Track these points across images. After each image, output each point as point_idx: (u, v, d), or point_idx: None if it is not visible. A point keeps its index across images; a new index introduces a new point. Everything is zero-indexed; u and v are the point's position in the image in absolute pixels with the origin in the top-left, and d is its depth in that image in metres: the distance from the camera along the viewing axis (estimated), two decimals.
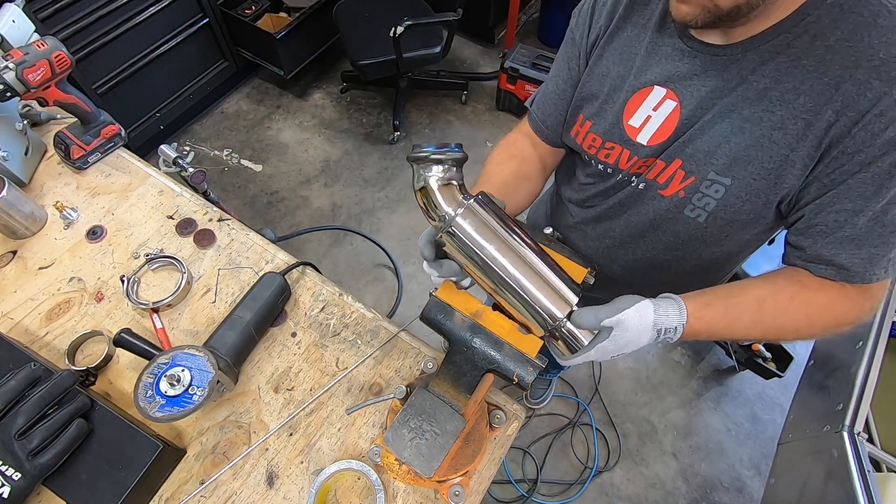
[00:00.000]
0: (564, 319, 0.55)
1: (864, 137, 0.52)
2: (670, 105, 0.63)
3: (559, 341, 0.58)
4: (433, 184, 0.53)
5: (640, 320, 0.55)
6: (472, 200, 0.54)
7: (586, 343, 0.55)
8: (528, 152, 0.83)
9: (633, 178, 0.71)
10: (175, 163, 1.31)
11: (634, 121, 0.67)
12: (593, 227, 0.82)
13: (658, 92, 0.64)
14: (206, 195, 1.44)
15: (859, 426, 1.09)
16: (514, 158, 0.81)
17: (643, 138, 0.67)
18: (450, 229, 0.53)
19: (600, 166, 0.74)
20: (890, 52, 0.50)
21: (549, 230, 0.68)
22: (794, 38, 0.54)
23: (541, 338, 0.58)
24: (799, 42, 0.54)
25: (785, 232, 0.65)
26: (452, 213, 0.53)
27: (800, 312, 0.59)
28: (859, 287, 0.58)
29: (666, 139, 0.65)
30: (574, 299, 0.56)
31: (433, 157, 0.52)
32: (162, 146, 1.31)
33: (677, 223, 0.69)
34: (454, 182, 0.54)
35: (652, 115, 0.65)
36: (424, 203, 0.55)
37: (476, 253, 0.54)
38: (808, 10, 0.53)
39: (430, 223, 0.56)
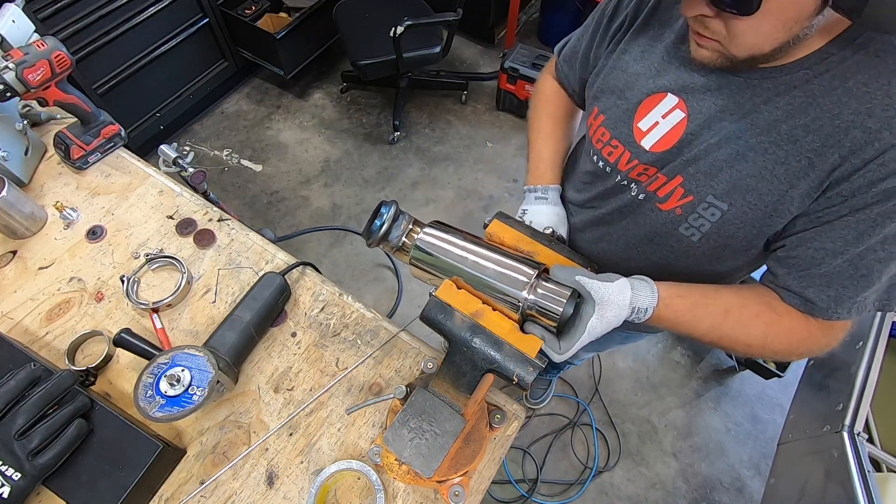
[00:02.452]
0: (527, 295, 0.56)
1: (861, 184, 0.52)
2: (679, 115, 0.63)
3: (540, 319, 0.57)
4: (400, 240, 0.63)
5: (621, 295, 0.56)
6: (425, 228, 0.63)
7: (560, 308, 0.55)
8: (568, 108, 0.90)
9: (633, 184, 0.71)
10: (175, 163, 1.31)
11: (643, 124, 0.67)
12: (591, 231, 0.83)
13: (670, 99, 0.64)
14: (205, 195, 1.44)
15: (859, 426, 1.09)
16: (561, 121, 0.89)
17: (647, 143, 0.67)
18: (416, 252, 0.61)
19: (601, 163, 0.75)
20: None
21: (549, 230, 0.69)
22: (814, 76, 0.53)
23: (520, 325, 0.58)
24: (818, 80, 0.53)
25: None
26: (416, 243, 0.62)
27: (758, 331, 0.61)
28: (822, 322, 0.60)
29: (668, 148, 0.65)
30: (531, 272, 0.57)
31: (383, 231, 0.61)
32: (162, 146, 1.31)
33: (671, 238, 0.70)
34: (406, 227, 0.63)
35: (660, 121, 0.65)
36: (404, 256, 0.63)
37: (443, 261, 0.60)
38: (833, 49, 0.53)
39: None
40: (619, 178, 0.73)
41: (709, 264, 0.71)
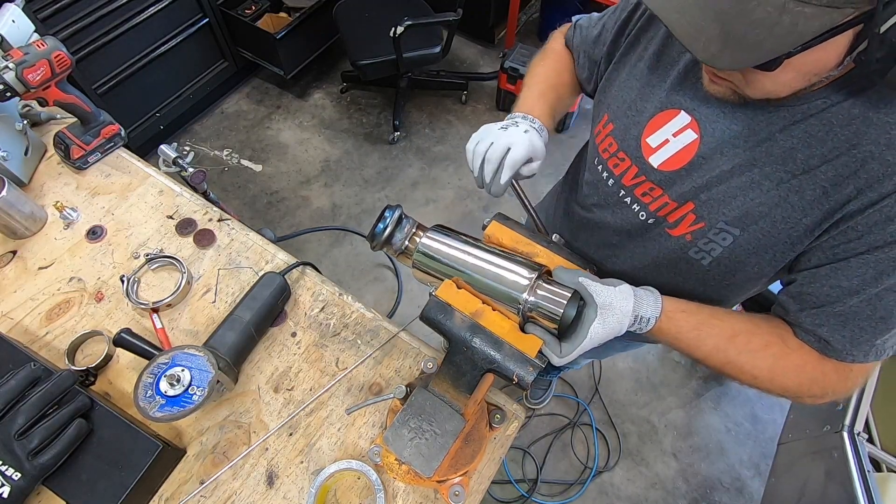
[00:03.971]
0: (528, 297, 0.56)
1: (878, 220, 0.50)
2: (691, 136, 0.61)
3: (541, 321, 0.57)
4: (403, 244, 0.63)
5: (624, 302, 0.55)
6: (427, 232, 0.63)
7: (560, 310, 0.55)
8: (567, 76, 0.85)
9: (636, 204, 0.69)
10: (175, 163, 1.31)
11: (652, 140, 0.65)
12: (597, 252, 0.80)
13: (683, 118, 0.62)
14: (205, 195, 1.44)
15: (859, 426, 1.09)
16: (560, 74, 0.84)
17: (655, 161, 0.65)
18: (418, 255, 0.62)
19: (605, 174, 0.72)
20: None
21: (555, 237, 0.69)
22: (832, 104, 0.52)
23: (521, 327, 0.58)
24: (836, 108, 0.51)
25: None
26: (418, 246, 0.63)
27: (765, 362, 0.58)
28: (837, 364, 0.57)
29: (677, 169, 0.63)
30: (532, 273, 0.57)
31: (387, 235, 0.62)
32: (162, 146, 1.31)
33: (681, 262, 0.68)
34: (409, 230, 0.63)
35: (671, 139, 0.63)
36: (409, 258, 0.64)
37: (446, 266, 0.61)
38: (853, 78, 0.50)
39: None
40: (622, 192, 0.70)
41: (717, 289, 0.69)
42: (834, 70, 0.47)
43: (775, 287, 0.68)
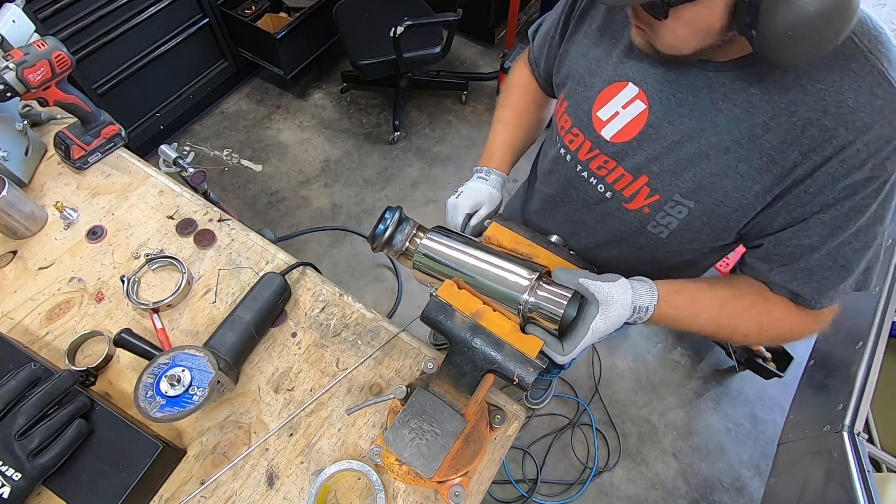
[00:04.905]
0: (528, 297, 0.56)
1: (826, 181, 0.53)
2: (640, 106, 0.63)
3: (541, 321, 0.57)
4: (404, 245, 0.64)
5: (623, 295, 0.56)
6: (428, 233, 0.64)
7: (561, 311, 0.55)
8: (538, 100, 0.90)
9: (593, 178, 0.72)
10: (175, 163, 1.31)
11: (603, 113, 0.67)
12: (562, 228, 0.83)
13: (631, 89, 0.64)
14: (206, 195, 1.44)
15: (859, 426, 1.09)
16: (526, 110, 0.90)
17: (608, 133, 0.67)
18: (419, 256, 0.63)
19: (562, 150, 0.75)
20: (858, 100, 0.50)
21: (555, 238, 0.69)
22: (768, 72, 0.54)
23: (522, 328, 0.58)
24: (772, 76, 0.54)
25: None
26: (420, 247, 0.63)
27: (753, 320, 0.63)
28: (811, 311, 0.63)
29: (628, 140, 0.65)
30: (532, 274, 0.57)
31: (387, 236, 0.62)
32: (162, 146, 1.31)
33: (640, 236, 0.71)
34: (409, 232, 0.64)
35: (620, 111, 0.65)
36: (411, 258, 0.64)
37: (446, 267, 0.61)
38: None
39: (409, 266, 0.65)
40: (579, 167, 0.73)
41: (677, 257, 0.73)
42: (725, 34, 0.51)
43: None
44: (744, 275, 0.67)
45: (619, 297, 0.56)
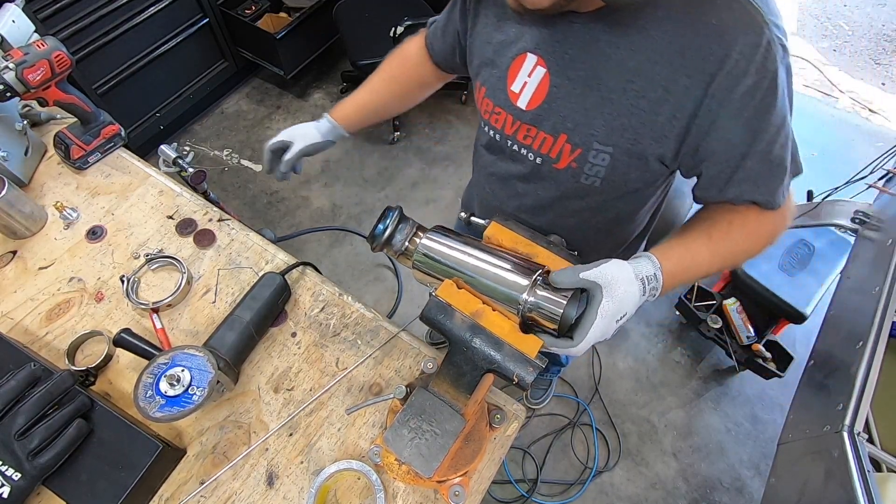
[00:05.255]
0: (528, 297, 0.56)
1: (723, 95, 0.57)
2: (541, 71, 0.68)
3: (541, 321, 0.56)
4: (404, 245, 0.64)
5: (622, 271, 0.56)
6: (427, 233, 0.64)
7: (560, 310, 0.55)
8: (414, 75, 0.97)
9: (523, 149, 0.75)
10: (175, 163, 1.31)
11: (515, 86, 0.71)
12: (510, 203, 0.86)
13: (531, 58, 0.68)
14: (206, 195, 1.44)
15: (859, 426, 1.09)
16: (395, 81, 0.97)
17: (522, 103, 0.71)
18: (418, 256, 0.63)
19: (492, 132, 0.79)
20: (721, 17, 0.55)
21: (554, 238, 0.69)
22: (637, 10, 0.58)
23: (522, 328, 0.57)
24: (643, 14, 0.58)
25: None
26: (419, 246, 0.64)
27: (741, 235, 0.67)
28: (772, 212, 0.67)
29: (541, 103, 0.69)
30: (530, 274, 0.57)
31: (387, 236, 0.63)
32: (162, 146, 1.31)
33: (578, 191, 0.74)
34: (409, 232, 0.64)
35: (528, 80, 0.69)
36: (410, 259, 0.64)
37: (446, 267, 0.61)
38: None
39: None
40: (509, 142, 0.77)
41: (619, 200, 0.77)
42: None
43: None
44: (707, 207, 0.71)
45: (618, 273, 0.55)
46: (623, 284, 0.55)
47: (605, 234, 0.86)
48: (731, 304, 1.78)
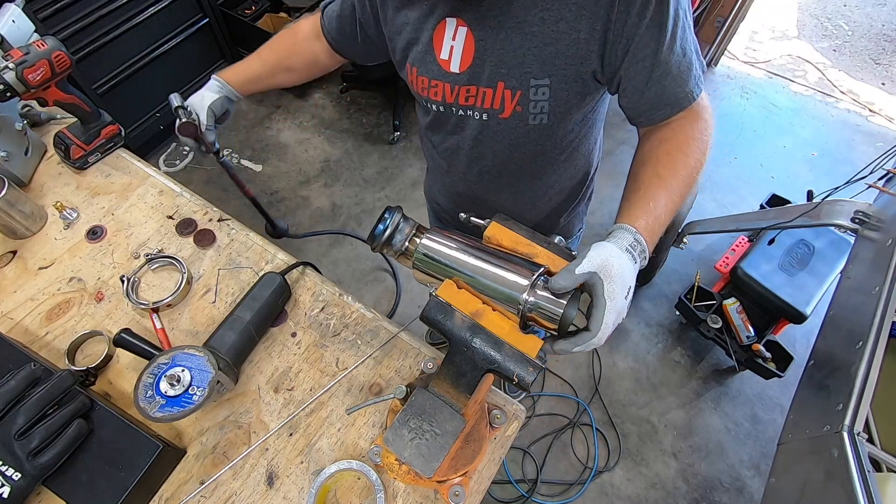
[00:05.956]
0: (528, 297, 0.56)
1: (625, 17, 0.62)
2: (463, 31, 0.71)
3: (541, 322, 0.57)
4: (403, 245, 0.64)
5: (607, 250, 0.57)
6: (427, 233, 0.64)
7: (560, 310, 0.55)
8: (304, 51, 0.98)
9: (468, 111, 0.77)
10: (176, 112, 1.26)
11: (443, 54, 0.74)
12: (470, 171, 0.89)
13: (451, 22, 0.71)
14: (217, 154, 1.38)
15: (859, 426, 1.09)
16: (284, 53, 0.98)
17: (455, 67, 0.73)
18: (418, 256, 0.63)
19: (433, 106, 0.81)
20: None
21: (557, 238, 0.69)
22: None
23: (522, 328, 0.57)
24: None
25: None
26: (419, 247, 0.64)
27: (682, 155, 0.68)
28: (694, 108, 0.70)
29: (472, 62, 0.72)
30: (530, 274, 0.57)
31: (387, 237, 0.62)
32: (171, 95, 1.28)
33: (530, 134, 0.77)
34: (409, 232, 0.64)
35: (453, 44, 0.72)
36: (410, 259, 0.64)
37: (446, 267, 0.61)
38: None
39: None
40: (454, 109, 0.79)
41: (569, 131, 0.80)
42: None
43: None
44: (640, 147, 0.73)
45: (605, 254, 0.56)
46: (615, 261, 0.56)
47: (569, 178, 0.92)
48: (731, 305, 1.78)
